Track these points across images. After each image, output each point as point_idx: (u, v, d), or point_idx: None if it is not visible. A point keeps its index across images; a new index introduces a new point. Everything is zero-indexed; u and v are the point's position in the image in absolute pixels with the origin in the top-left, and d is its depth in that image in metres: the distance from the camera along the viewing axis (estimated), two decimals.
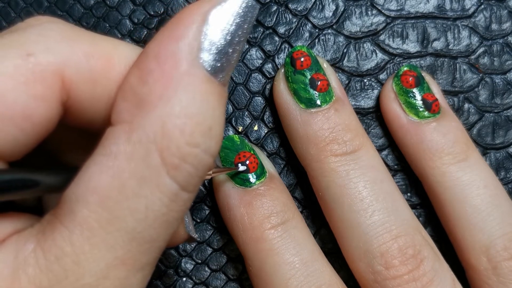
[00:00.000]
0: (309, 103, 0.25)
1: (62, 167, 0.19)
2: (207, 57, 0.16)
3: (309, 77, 0.26)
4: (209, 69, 0.16)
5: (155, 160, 0.15)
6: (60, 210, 0.16)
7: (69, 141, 0.20)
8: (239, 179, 0.25)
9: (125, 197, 0.15)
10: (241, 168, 0.25)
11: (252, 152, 0.26)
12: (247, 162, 0.26)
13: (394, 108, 0.27)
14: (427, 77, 0.27)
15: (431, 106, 0.26)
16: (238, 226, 0.25)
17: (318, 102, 0.25)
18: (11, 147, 0.16)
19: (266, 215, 0.25)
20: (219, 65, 0.16)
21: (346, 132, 0.25)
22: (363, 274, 0.24)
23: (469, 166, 0.25)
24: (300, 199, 0.28)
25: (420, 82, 0.27)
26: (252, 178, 0.25)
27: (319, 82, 0.25)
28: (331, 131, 0.25)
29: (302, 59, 0.26)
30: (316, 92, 0.25)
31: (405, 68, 0.27)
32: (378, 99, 0.28)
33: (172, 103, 0.16)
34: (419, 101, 0.26)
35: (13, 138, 0.16)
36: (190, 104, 0.16)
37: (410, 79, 0.27)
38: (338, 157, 0.25)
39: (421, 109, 0.26)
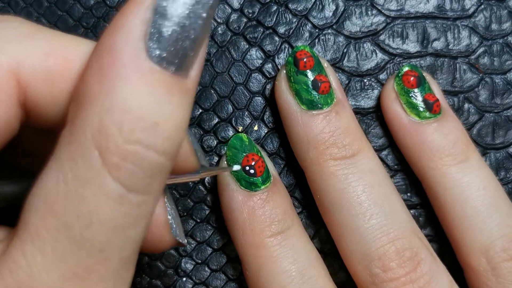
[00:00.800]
0: (311, 105, 0.25)
1: (26, 174, 0.18)
2: (153, 46, 0.15)
3: (311, 78, 0.25)
4: (155, 59, 0.15)
5: (96, 161, 0.14)
6: (19, 221, 0.15)
7: (43, 144, 0.19)
8: (245, 181, 0.25)
9: (71, 201, 0.15)
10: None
11: (259, 154, 0.26)
12: (254, 165, 0.25)
13: (395, 108, 0.27)
14: (428, 77, 0.27)
15: (432, 107, 0.26)
16: (239, 230, 0.25)
17: (320, 104, 0.25)
18: None
19: (267, 223, 0.25)
20: (167, 55, 0.15)
21: (345, 135, 0.25)
22: (361, 276, 0.24)
23: (469, 167, 0.25)
24: (300, 199, 0.28)
25: (421, 83, 0.27)
26: (258, 182, 0.25)
27: (321, 84, 0.25)
28: (331, 135, 0.25)
29: (305, 60, 0.26)
30: (318, 94, 0.25)
31: (407, 68, 0.27)
32: (378, 99, 0.28)
33: (109, 98, 0.14)
34: (420, 102, 0.26)
35: None
36: (128, 98, 0.14)
37: (412, 79, 0.27)
38: (337, 161, 0.25)
39: (422, 110, 0.26)
